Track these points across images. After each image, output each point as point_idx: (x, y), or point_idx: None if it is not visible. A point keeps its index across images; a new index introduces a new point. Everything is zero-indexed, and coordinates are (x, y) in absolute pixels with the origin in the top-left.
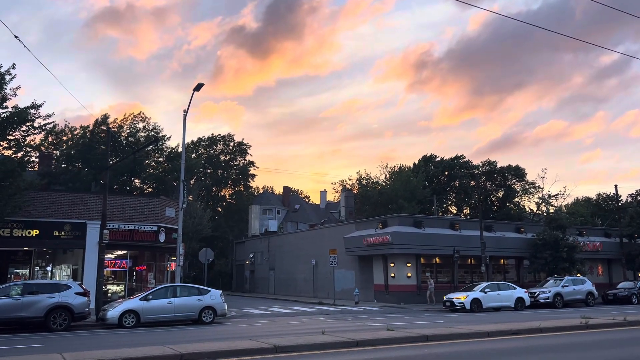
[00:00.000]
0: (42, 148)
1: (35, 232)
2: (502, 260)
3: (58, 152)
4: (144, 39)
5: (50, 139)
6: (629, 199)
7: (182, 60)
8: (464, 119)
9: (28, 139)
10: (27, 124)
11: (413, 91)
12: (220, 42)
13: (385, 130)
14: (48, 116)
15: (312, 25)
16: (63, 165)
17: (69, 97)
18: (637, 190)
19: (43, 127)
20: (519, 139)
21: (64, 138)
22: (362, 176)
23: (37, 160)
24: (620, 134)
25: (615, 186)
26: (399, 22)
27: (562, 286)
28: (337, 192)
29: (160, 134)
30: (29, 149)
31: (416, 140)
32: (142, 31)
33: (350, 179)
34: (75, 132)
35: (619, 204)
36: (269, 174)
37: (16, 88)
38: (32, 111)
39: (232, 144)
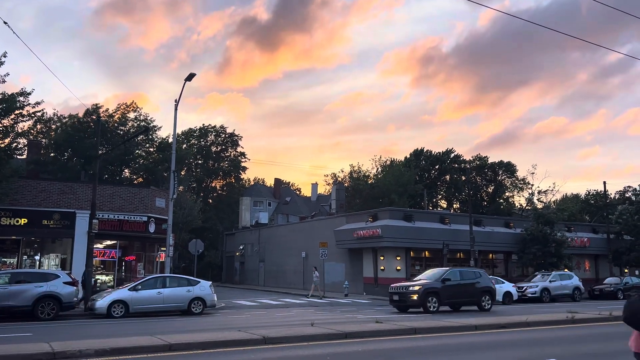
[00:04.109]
0: (31, 136)
1: (23, 221)
2: (490, 255)
3: (47, 140)
4: (154, 28)
5: (39, 127)
6: (617, 196)
7: (190, 50)
8: (467, 114)
9: (16, 126)
10: (16, 111)
11: (418, 85)
12: (230, 33)
13: (388, 124)
14: (37, 103)
15: (323, 18)
16: (52, 154)
17: (73, 86)
18: (625, 187)
19: (32, 115)
20: (520, 134)
21: (53, 127)
22: (355, 169)
23: (25, 148)
24: (619, 132)
25: (604, 183)
26: (409, 16)
27: (550, 281)
28: (328, 184)
29: (152, 124)
30: (17, 137)
31: (417, 135)
32: (153, 20)
33: (342, 172)
34: (65, 121)
35: (607, 200)
36: (265, 165)
37: (5, 75)
38: (21, 98)
39: (223, 135)
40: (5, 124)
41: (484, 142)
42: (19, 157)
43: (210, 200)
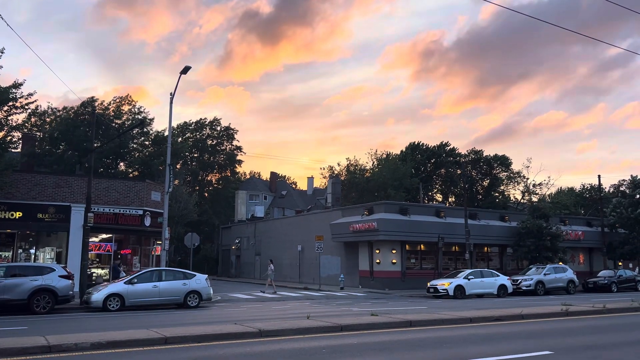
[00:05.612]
0: (25, 129)
1: (18, 214)
2: (486, 248)
3: (41, 133)
4: (156, 21)
5: (33, 120)
6: (612, 189)
7: (192, 43)
8: (467, 108)
9: (10, 118)
10: (9, 103)
11: (418, 79)
12: (232, 27)
13: (387, 118)
14: (30, 94)
15: (324, 12)
16: (47, 147)
17: (72, 79)
18: (619, 181)
19: (25, 107)
20: (518, 128)
21: (48, 119)
22: (351, 162)
23: (20, 141)
24: (617, 126)
25: (599, 176)
26: (411, 10)
27: (544, 274)
28: (325, 178)
29: (147, 117)
30: (10, 130)
31: (416, 128)
32: (155, 13)
33: (339, 165)
34: (59, 114)
35: (602, 194)
36: (262, 159)
37: None
38: (13, 89)
39: (219, 128)
40: None
41: (482, 136)
42: (13, 150)
43: (206, 194)
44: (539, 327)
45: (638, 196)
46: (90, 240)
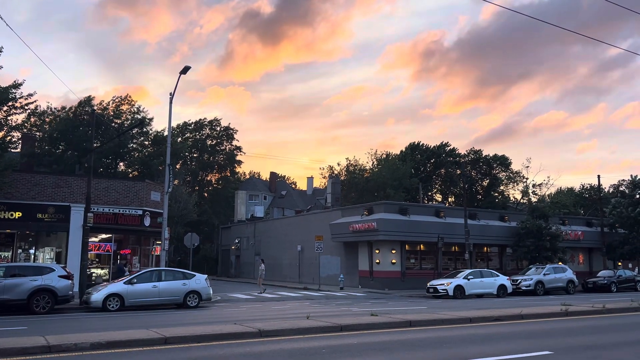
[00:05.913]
0: (25, 129)
1: (18, 214)
2: (485, 248)
3: (41, 133)
4: (157, 21)
5: (32, 120)
6: (611, 189)
7: (192, 43)
8: (467, 107)
9: (10, 119)
10: (9, 103)
11: (419, 79)
12: (232, 27)
13: (388, 118)
14: (30, 95)
15: (325, 12)
16: (46, 147)
17: (73, 79)
18: (619, 181)
19: (25, 107)
20: (518, 128)
21: (47, 120)
22: (351, 162)
23: (19, 141)
24: (617, 126)
25: (598, 176)
26: (412, 10)
27: (544, 274)
28: (324, 177)
29: (146, 117)
30: (10, 130)
31: (416, 128)
32: (156, 13)
33: (339, 165)
34: (58, 114)
35: (601, 194)
36: (261, 159)
37: None
38: (12, 90)
39: (218, 128)
40: None
41: (482, 136)
42: (13, 150)
43: (206, 194)
44: (538, 327)
45: (638, 196)
46: (89, 240)
